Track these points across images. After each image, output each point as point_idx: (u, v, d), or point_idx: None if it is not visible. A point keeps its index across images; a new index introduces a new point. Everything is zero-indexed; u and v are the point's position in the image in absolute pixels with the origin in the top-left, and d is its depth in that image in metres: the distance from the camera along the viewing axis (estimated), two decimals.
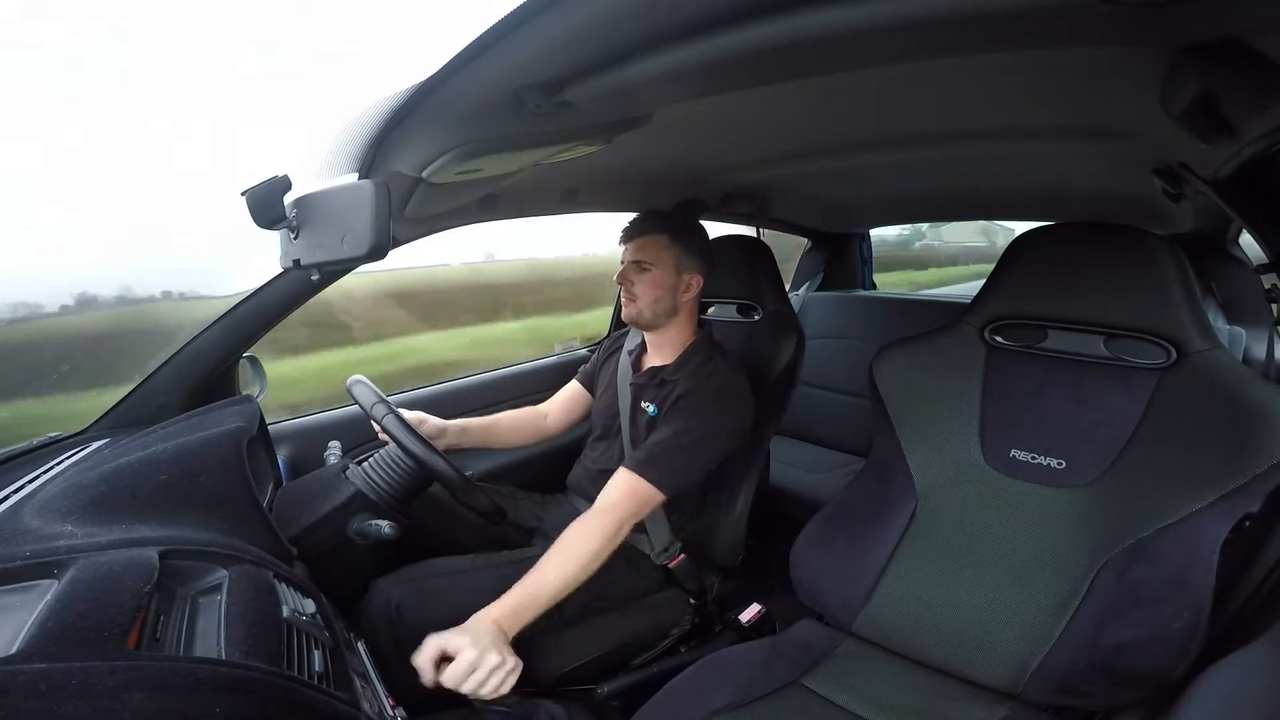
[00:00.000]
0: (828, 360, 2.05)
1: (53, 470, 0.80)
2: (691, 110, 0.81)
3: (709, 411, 1.12)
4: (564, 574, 0.97)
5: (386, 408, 1.06)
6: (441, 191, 0.94)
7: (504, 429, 1.36)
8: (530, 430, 1.40)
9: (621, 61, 0.58)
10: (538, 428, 1.41)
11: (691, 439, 1.09)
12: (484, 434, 1.32)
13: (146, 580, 0.57)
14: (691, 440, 1.09)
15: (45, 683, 0.44)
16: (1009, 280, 1.03)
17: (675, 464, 1.08)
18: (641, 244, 1.19)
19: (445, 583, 1.07)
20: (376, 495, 1.02)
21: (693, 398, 1.13)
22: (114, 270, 2.02)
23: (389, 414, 1.05)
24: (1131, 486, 0.85)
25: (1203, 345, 0.86)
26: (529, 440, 1.41)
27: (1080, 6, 0.47)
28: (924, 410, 1.05)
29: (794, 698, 0.89)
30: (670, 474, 1.07)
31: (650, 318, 1.20)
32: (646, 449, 1.10)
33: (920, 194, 1.76)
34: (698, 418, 1.11)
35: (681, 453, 1.09)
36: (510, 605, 0.92)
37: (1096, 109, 0.87)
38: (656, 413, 1.18)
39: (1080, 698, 0.81)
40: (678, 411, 1.13)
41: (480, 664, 0.84)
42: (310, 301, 1.17)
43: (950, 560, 0.95)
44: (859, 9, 0.48)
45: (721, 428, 1.13)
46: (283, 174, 0.76)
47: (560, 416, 1.43)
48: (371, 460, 1.08)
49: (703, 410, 1.12)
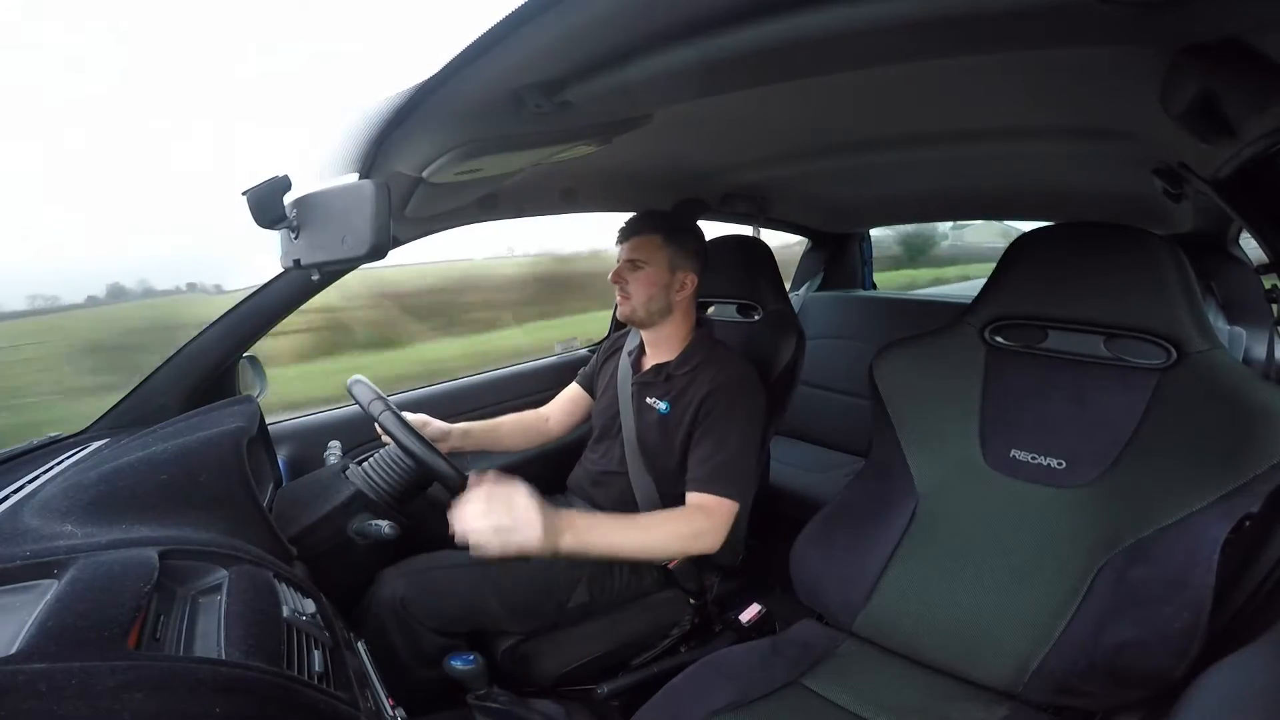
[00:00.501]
0: (828, 360, 2.05)
1: (53, 470, 0.80)
2: (691, 110, 0.81)
3: (740, 406, 1.13)
4: (629, 540, 0.98)
5: (385, 406, 1.06)
6: (441, 191, 0.94)
7: (506, 432, 1.36)
8: (533, 433, 1.41)
9: (621, 61, 0.58)
10: (540, 430, 1.42)
11: (739, 443, 1.11)
12: (487, 437, 1.32)
13: (146, 580, 0.57)
14: (740, 444, 1.11)
15: (45, 683, 0.44)
16: (1009, 280, 1.03)
17: (736, 472, 1.09)
18: (635, 243, 1.20)
19: (452, 575, 1.07)
20: (376, 495, 1.03)
21: (720, 397, 1.13)
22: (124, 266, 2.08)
23: (386, 411, 1.05)
24: (1131, 487, 0.85)
25: (1203, 345, 0.86)
26: (532, 443, 1.41)
27: (1080, 6, 0.47)
28: (924, 410, 1.04)
29: (794, 698, 0.89)
30: (736, 483, 1.08)
31: (644, 315, 1.20)
32: (704, 467, 1.10)
33: (920, 194, 1.76)
34: (735, 421, 1.12)
35: (739, 459, 1.10)
36: (580, 524, 0.92)
37: (1096, 109, 0.86)
38: (669, 410, 1.18)
39: (1080, 698, 0.81)
40: (712, 421, 1.12)
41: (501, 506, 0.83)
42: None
43: (950, 560, 0.95)
44: (859, 9, 0.48)
45: (755, 417, 1.15)
46: (283, 174, 0.76)
47: (561, 419, 1.43)
48: (371, 460, 1.08)
49: (734, 407, 1.13)
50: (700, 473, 1.10)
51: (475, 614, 1.07)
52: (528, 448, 1.42)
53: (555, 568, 1.14)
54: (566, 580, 1.14)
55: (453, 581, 1.06)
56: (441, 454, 1.03)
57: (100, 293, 2.16)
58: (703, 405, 1.14)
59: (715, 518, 1.06)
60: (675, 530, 1.04)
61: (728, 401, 1.13)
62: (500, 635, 1.11)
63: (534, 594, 1.11)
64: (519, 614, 1.09)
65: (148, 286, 2.19)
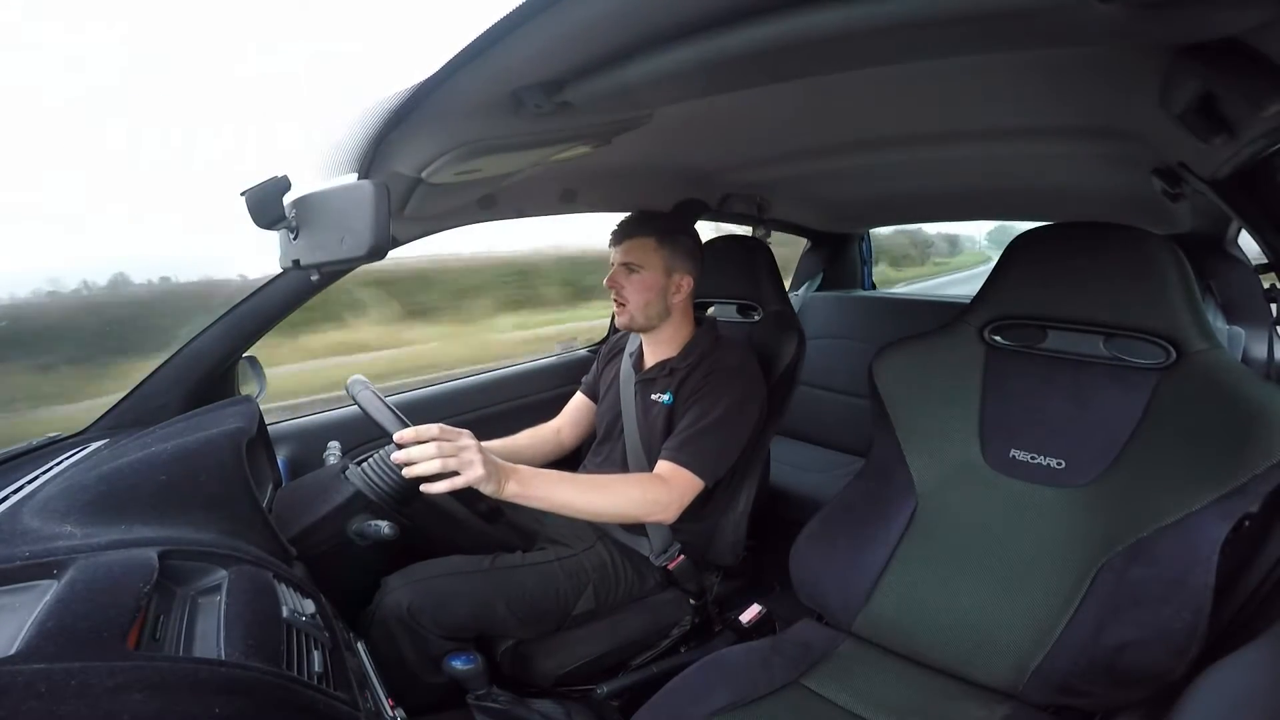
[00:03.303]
0: (828, 360, 2.05)
1: (52, 470, 0.80)
2: (691, 110, 0.81)
3: (731, 388, 1.13)
4: (576, 497, 0.99)
5: (365, 386, 1.06)
6: (441, 191, 0.94)
7: (525, 448, 1.35)
8: (548, 447, 1.40)
9: (621, 61, 0.58)
10: (555, 444, 1.41)
11: (719, 420, 1.10)
12: (507, 455, 1.31)
13: (146, 581, 0.57)
14: (719, 421, 1.10)
15: (45, 683, 0.44)
16: (1008, 280, 1.03)
17: (706, 448, 1.08)
18: (629, 246, 1.19)
19: (458, 582, 1.07)
20: (376, 495, 1.02)
21: (713, 379, 1.14)
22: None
23: (365, 390, 1.04)
24: (1131, 486, 0.85)
25: (1202, 345, 0.86)
26: (549, 457, 1.40)
27: (1080, 6, 0.47)
28: (924, 410, 1.04)
29: (794, 698, 0.89)
30: (704, 459, 1.07)
31: (643, 321, 1.20)
32: (678, 436, 1.10)
33: (920, 194, 1.76)
34: (721, 398, 1.11)
35: (712, 436, 1.09)
36: (525, 471, 0.96)
37: (1096, 109, 0.87)
38: (672, 400, 1.18)
39: (1080, 698, 0.81)
40: (699, 396, 1.13)
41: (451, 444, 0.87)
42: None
43: (950, 560, 0.95)
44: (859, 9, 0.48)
45: (745, 402, 1.14)
46: (282, 174, 0.76)
47: (572, 430, 1.43)
48: (371, 460, 1.08)
49: (722, 389, 1.12)
50: (673, 442, 1.10)
51: (483, 620, 1.06)
52: (546, 462, 1.41)
53: (561, 575, 1.14)
54: (573, 587, 1.13)
55: (459, 588, 1.06)
56: (403, 417, 1.02)
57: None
58: (697, 389, 1.14)
59: (675, 490, 1.05)
60: (629, 494, 1.03)
61: (721, 381, 1.13)
62: (502, 636, 1.11)
63: (541, 599, 1.10)
64: (527, 620, 1.09)
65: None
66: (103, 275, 2.28)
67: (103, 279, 2.29)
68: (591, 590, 1.15)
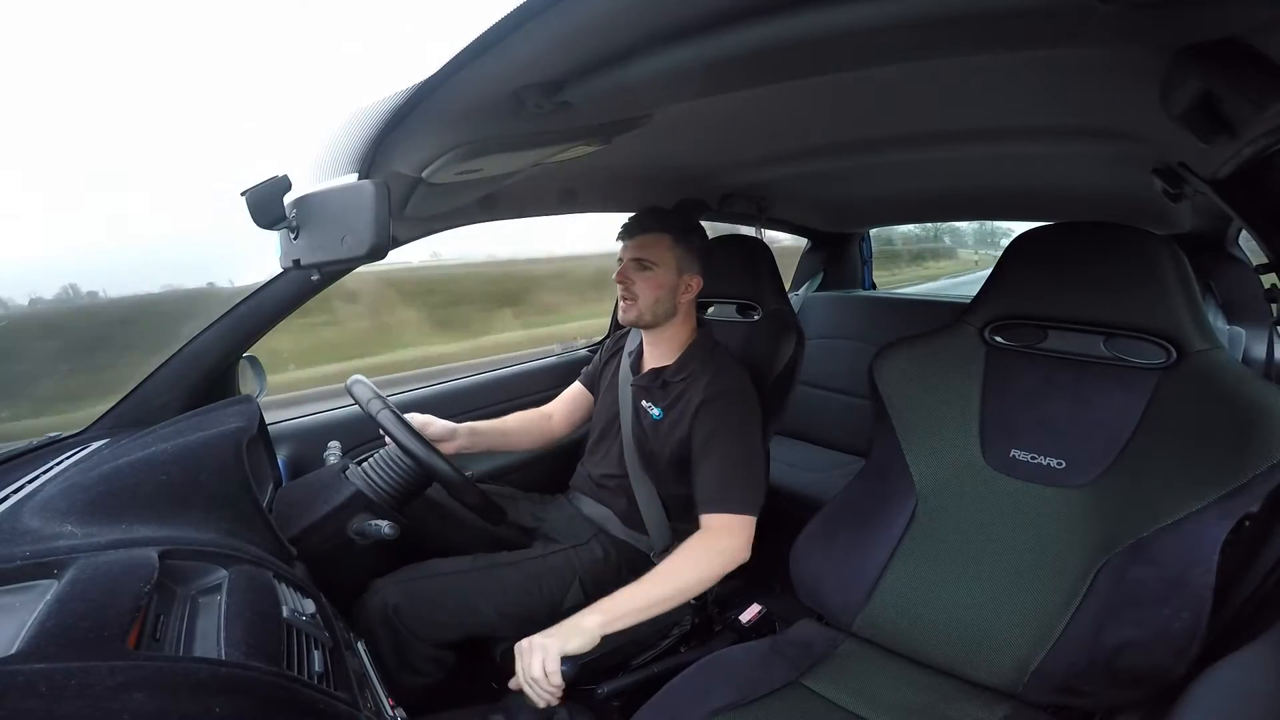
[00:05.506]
0: (828, 360, 2.05)
1: (53, 470, 0.80)
2: (691, 110, 0.81)
3: (735, 415, 1.11)
4: (658, 591, 0.98)
5: (384, 405, 1.06)
6: (441, 191, 0.94)
7: (513, 430, 1.35)
8: (538, 432, 1.40)
9: (621, 61, 0.58)
10: (545, 429, 1.41)
11: (743, 454, 1.09)
12: (495, 437, 1.31)
13: (146, 580, 0.57)
14: (743, 454, 1.09)
15: (45, 683, 0.44)
16: (1009, 280, 1.03)
17: (745, 484, 1.07)
18: (643, 242, 1.16)
19: (443, 584, 1.07)
20: (376, 495, 1.02)
21: (719, 407, 1.11)
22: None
23: (385, 410, 1.05)
24: (1131, 486, 0.85)
25: (1202, 345, 0.86)
26: (537, 443, 1.40)
27: (1080, 6, 0.47)
28: (924, 410, 1.04)
29: (794, 698, 0.89)
30: (747, 494, 1.07)
31: (650, 319, 1.19)
32: (710, 485, 1.08)
33: (920, 194, 1.76)
34: (732, 431, 1.10)
35: (744, 470, 1.08)
36: (611, 608, 0.94)
37: (1096, 109, 0.86)
38: (662, 415, 1.18)
39: (1080, 698, 0.81)
40: (711, 435, 1.10)
41: (531, 652, 0.87)
42: None
43: (950, 560, 0.95)
44: (859, 9, 0.48)
45: (752, 423, 1.14)
46: (282, 174, 0.76)
47: (565, 418, 1.43)
48: (371, 460, 1.08)
49: (730, 418, 1.11)
50: (710, 494, 1.07)
51: (467, 621, 1.06)
52: (534, 447, 1.42)
53: (546, 571, 1.13)
54: (559, 583, 1.13)
55: (443, 589, 1.06)
56: (441, 453, 1.03)
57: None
58: (697, 416, 1.12)
59: (736, 534, 1.04)
60: (700, 561, 1.01)
61: (723, 413, 1.11)
62: (492, 637, 1.11)
63: (526, 596, 1.10)
64: (512, 618, 1.08)
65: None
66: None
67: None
68: (579, 585, 1.14)
